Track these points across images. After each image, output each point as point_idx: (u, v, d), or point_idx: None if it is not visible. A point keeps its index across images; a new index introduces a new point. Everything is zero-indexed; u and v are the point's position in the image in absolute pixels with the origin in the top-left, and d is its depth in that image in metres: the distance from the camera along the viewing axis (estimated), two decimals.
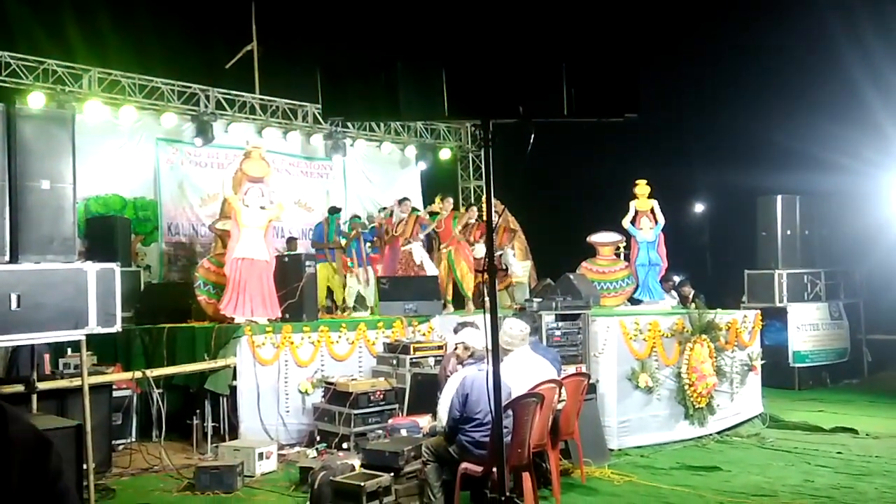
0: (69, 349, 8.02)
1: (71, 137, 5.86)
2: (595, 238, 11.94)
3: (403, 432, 6.75)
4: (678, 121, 15.69)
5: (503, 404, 4.09)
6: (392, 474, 5.82)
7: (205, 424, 7.89)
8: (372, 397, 7.61)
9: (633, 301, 11.50)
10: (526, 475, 5.40)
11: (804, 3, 13.84)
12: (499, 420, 3.83)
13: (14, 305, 5.31)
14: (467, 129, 15.27)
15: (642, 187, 11.46)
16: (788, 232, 12.95)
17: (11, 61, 10.29)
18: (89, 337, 5.86)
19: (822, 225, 13.24)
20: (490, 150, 3.74)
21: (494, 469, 4.35)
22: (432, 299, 9.99)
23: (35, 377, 6.22)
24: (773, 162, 13.87)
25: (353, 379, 7.99)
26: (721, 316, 9.04)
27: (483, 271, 3.84)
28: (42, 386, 6.28)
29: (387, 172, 14.97)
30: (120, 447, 7.75)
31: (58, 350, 7.99)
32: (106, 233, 10.50)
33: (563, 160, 13.93)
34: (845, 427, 8.80)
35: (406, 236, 11.16)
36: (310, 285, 9.15)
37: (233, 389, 7.91)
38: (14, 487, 1.27)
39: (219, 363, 7.94)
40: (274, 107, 13.03)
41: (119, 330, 6.14)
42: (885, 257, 12.65)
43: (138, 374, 7.64)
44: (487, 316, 3.69)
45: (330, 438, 7.62)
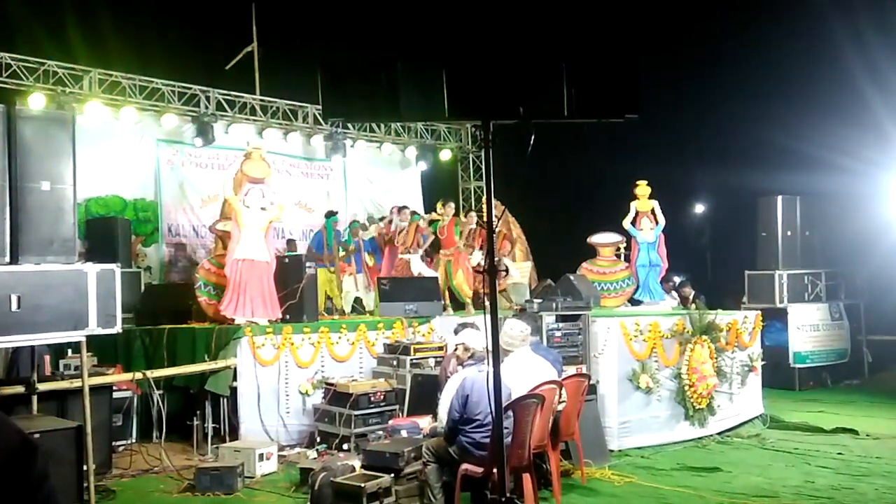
0: (69, 350, 8.03)
1: (71, 138, 5.87)
2: (595, 239, 11.96)
3: (404, 433, 6.74)
4: (678, 121, 15.70)
5: (503, 405, 4.08)
6: (392, 475, 5.81)
7: (205, 425, 7.88)
8: (372, 398, 7.61)
9: (634, 302, 11.51)
10: (526, 476, 5.40)
11: (805, 3, 13.84)
12: (499, 421, 3.83)
13: (14, 306, 5.32)
14: (468, 130, 15.26)
15: (643, 188, 11.47)
16: (789, 233, 12.94)
17: (12, 62, 10.30)
18: (89, 338, 5.87)
19: (823, 225, 13.23)
20: (490, 151, 3.74)
21: (495, 470, 4.34)
22: (432, 300, 9.98)
23: (35, 378, 6.23)
24: (774, 162, 13.87)
25: (354, 380, 7.99)
26: (721, 317, 9.03)
27: (483, 272, 3.83)
28: (42, 387, 6.28)
29: (387, 173, 14.97)
30: (120, 448, 7.75)
31: (58, 351, 8.00)
32: (106, 234, 10.51)
33: (564, 161, 13.94)
34: (846, 428, 8.79)
35: (406, 245, 11.12)
36: (310, 286, 9.15)
37: (233, 390, 7.90)
38: None
39: (219, 364, 7.94)
40: (274, 108, 13.03)
41: (119, 331, 6.13)
42: (886, 258, 12.62)
43: (139, 376, 7.63)
44: (488, 317, 3.69)
45: (330, 439, 7.62)
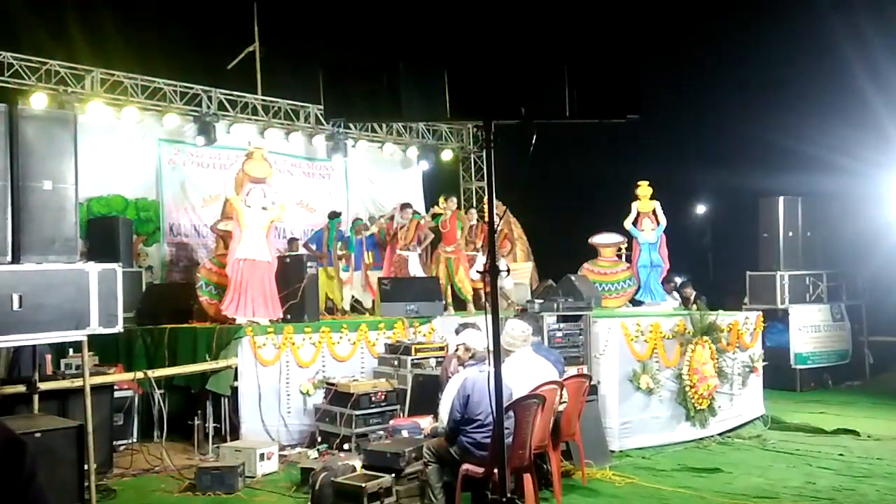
0: (71, 350, 8.04)
1: (73, 138, 5.87)
2: (597, 239, 11.96)
3: (405, 433, 6.73)
4: (680, 122, 15.69)
5: (504, 406, 4.08)
6: (393, 475, 5.81)
7: (206, 425, 7.89)
8: (373, 398, 7.60)
9: (635, 302, 11.51)
10: (527, 476, 5.40)
11: (805, 3, 13.84)
12: (500, 421, 3.83)
13: (16, 306, 5.32)
14: (469, 131, 15.27)
15: (644, 188, 11.47)
16: (790, 233, 12.93)
17: (14, 62, 10.31)
18: (91, 337, 5.88)
19: (824, 226, 13.21)
20: (492, 151, 3.73)
21: (496, 470, 4.35)
22: (433, 300, 9.98)
23: (37, 378, 6.24)
24: (775, 163, 13.87)
25: (355, 380, 7.99)
26: (722, 317, 9.02)
27: (484, 272, 3.83)
28: (43, 386, 6.28)
29: (388, 173, 14.96)
30: (121, 448, 7.76)
31: (59, 350, 8.00)
32: (108, 233, 10.50)
33: (565, 161, 13.96)
34: (847, 429, 8.79)
35: (406, 241, 11.14)
36: (311, 286, 9.16)
37: (234, 390, 7.91)
38: None
39: (220, 364, 7.94)
40: (276, 108, 13.03)
41: (121, 330, 6.15)
42: (887, 259, 12.61)
43: (140, 375, 7.64)
44: (489, 317, 3.69)
45: (331, 439, 7.62)
